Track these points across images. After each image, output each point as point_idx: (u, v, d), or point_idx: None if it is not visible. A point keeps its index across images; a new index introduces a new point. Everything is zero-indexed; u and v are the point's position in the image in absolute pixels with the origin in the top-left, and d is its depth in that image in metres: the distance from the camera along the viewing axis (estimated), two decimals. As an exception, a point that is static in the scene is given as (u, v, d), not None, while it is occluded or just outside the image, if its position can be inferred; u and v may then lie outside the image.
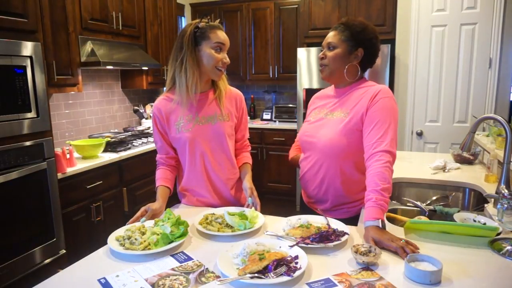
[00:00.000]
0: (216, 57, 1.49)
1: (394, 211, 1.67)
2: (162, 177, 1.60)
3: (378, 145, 1.34)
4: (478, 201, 1.87)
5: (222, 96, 1.60)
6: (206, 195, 1.62)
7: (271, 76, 4.59)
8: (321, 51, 1.54)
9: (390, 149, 1.34)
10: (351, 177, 1.51)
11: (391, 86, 3.73)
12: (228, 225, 1.33)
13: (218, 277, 1.04)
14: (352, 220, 1.47)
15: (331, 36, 1.51)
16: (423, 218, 1.43)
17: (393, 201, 1.80)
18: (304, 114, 1.94)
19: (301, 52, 3.87)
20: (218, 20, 1.58)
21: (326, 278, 1.01)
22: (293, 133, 4.20)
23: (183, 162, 1.62)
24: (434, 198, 1.88)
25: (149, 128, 3.63)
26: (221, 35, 1.51)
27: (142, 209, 1.42)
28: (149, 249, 1.18)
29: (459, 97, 3.53)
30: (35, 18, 2.16)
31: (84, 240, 2.57)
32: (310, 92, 3.77)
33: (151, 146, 3.17)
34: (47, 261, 2.27)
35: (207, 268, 1.09)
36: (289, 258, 1.07)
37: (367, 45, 1.49)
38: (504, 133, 1.51)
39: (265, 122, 4.61)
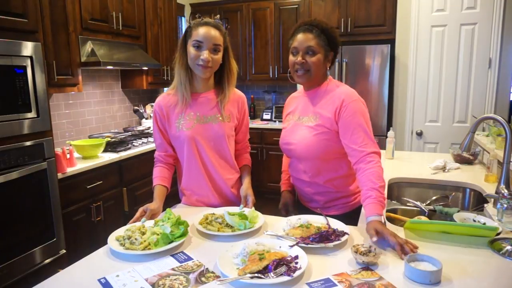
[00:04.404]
0: (192, 54, 1.47)
1: (394, 211, 1.67)
2: (159, 176, 1.60)
3: (364, 148, 1.39)
4: (478, 201, 1.87)
5: (225, 101, 1.58)
6: (206, 194, 1.62)
7: (271, 76, 4.59)
8: (294, 53, 1.49)
9: (375, 149, 1.40)
10: (335, 173, 1.54)
11: (391, 86, 3.74)
12: (228, 225, 1.33)
13: (218, 277, 1.04)
14: (349, 215, 1.50)
15: (309, 40, 1.45)
16: (423, 218, 1.43)
17: (393, 201, 1.80)
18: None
19: (301, 52, 3.87)
20: (218, 16, 1.54)
21: (326, 278, 1.02)
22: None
23: (182, 161, 1.62)
24: (434, 198, 1.88)
25: (149, 128, 3.63)
26: (202, 31, 1.45)
27: (141, 209, 1.42)
28: (149, 249, 1.18)
29: (459, 97, 3.53)
30: (35, 18, 2.16)
31: (84, 240, 2.57)
32: (310, 92, 3.76)
33: (151, 146, 3.17)
34: (47, 261, 2.27)
35: (207, 268, 1.09)
36: (289, 258, 1.07)
37: (336, 49, 1.53)
38: (504, 133, 1.51)
39: (265, 122, 4.61)
